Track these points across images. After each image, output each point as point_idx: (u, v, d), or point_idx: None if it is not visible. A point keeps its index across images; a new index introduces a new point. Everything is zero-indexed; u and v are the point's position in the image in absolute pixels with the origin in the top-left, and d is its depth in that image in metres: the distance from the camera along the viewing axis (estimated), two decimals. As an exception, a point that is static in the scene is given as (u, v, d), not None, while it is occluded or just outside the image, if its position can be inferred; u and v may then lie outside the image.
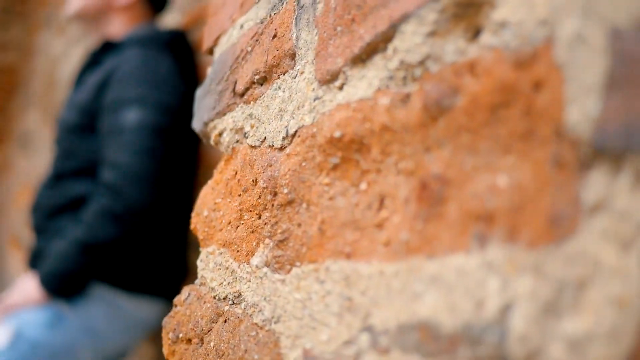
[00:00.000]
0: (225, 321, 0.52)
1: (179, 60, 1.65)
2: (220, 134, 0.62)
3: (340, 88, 0.44)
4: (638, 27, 0.27)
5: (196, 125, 0.67)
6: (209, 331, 0.53)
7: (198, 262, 0.61)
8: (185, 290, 0.61)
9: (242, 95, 0.57)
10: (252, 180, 0.53)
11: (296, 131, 0.48)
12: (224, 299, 0.54)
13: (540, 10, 0.31)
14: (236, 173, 0.57)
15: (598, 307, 0.27)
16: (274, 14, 0.54)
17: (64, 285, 1.49)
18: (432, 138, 0.37)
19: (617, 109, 0.27)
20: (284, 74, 0.51)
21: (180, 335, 0.57)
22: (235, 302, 0.53)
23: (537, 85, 0.31)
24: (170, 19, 1.96)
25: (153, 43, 1.63)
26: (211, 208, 0.60)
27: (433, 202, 0.36)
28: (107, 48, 1.71)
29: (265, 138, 0.52)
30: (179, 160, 1.53)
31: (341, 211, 0.43)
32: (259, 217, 0.51)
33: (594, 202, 0.28)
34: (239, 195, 0.55)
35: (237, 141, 0.59)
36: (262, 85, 0.55)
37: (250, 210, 0.52)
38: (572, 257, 0.28)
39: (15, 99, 4.01)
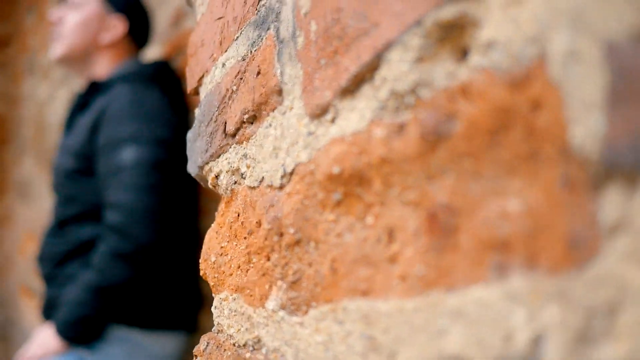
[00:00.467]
0: (248, 369, 0.51)
1: (167, 91, 1.65)
2: (217, 177, 0.60)
3: (332, 121, 0.43)
4: (633, 37, 0.26)
5: (191, 169, 0.66)
6: (233, 381, 0.52)
7: (212, 309, 0.60)
8: (204, 340, 0.60)
9: (234, 135, 0.56)
10: (256, 222, 0.52)
11: (294, 169, 0.47)
12: (244, 345, 0.53)
13: (527, 27, 0.30)
14: (239, 215, 0.55)
15: (633, 332, 0.26)
16: (255, 50, 0.52)
17: (81, 331, 1.48)
18: (434, 166, 0.35)
19: (623, 124, 0.26)
20: (273, 111, 0.50)
21: (205, 388, 0.56)
22: (255, 347, 0.52)
23: (535, 105, 0.30)
24: (152, 52, 1.95)
25: (140, 77, 1.63)
26: (218, 253, 0.59)
27: (444, 233, 0.34)
28: (94, 88, 1.70)
29: (263, 178, 0.51)
30: (179, 191, 1.52)
31: (351, 247, 0.42)
32: (268, 259, 0.50)
33: (613, 222, 0.27)
34: (245, 238, 0.54)
35: (235, 182, 0.57)
36: (252, 124, 0.54)
37: (258, 253, 0.51)
38: (597, 281, 0.27)
39: (9, 149, 4.00)
